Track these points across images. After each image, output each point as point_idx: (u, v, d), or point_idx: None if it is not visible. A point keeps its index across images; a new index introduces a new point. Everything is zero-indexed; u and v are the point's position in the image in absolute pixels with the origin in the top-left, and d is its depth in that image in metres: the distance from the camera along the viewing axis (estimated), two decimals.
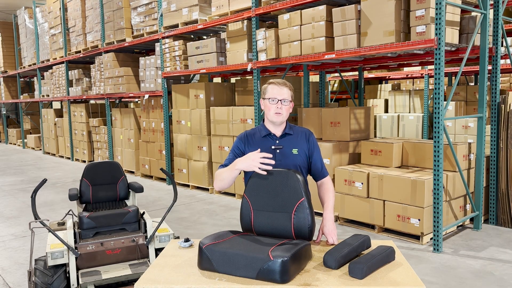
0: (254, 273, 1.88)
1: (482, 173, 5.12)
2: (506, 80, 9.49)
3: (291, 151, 2.47)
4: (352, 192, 5.29)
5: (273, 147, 2.47)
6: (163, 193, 7.62)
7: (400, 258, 2.06)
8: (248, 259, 1.91)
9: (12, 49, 15.96)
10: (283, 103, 2.42)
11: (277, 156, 2.45)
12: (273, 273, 1.84)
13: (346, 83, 10.70)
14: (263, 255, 1.89)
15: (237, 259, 1.93)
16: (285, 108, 2.42)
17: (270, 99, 2.42)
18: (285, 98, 2.42)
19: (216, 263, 1.96)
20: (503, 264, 4.16)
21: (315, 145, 2.53)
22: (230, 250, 1.97)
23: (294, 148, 2.47)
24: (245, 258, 1.92)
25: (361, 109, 6.01)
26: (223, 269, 1.95)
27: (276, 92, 2.42)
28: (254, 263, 1.89)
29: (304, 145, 2.50)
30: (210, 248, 2.00)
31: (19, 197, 7.48)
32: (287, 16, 5.64)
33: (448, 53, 5.02)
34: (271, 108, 2.43)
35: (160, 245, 3.55)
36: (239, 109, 6.82)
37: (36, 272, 3.27)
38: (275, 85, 2.44)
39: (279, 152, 2.46)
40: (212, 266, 1.97)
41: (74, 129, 11.84)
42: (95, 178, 3.97)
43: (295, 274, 1.90)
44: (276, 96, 2.42)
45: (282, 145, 2.47)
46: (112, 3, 9.22)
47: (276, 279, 1.84)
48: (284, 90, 2.43)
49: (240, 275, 1.91)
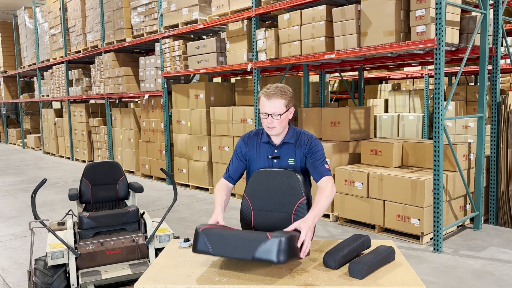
0: (251, 253, 1.84)
1: (482, 173, 5.12)
2: (506, 80, 9.49)
3: (288, 161, 2.42)
4: (352, 192, 5.28)
5: (270, 157, 2.44)
6: (163, 193, 7.62)
7: (400, 258, 2.06)
8: (246, 240, 1.88)
9: (12, 49, 15.96)
10: (274, 117, 2.30)
11: (274, 165, 2.43)
12: (270, 252, 1.81)
13: (346, 83, 10.69)
14: (261, 236, 1.87)
15: (234, 240, 1.90)
16: (276, 121, 2.31)
17: (262, 114, 2.34)
18: (275, 112, 2.29)
19: (212, 245, 1.92)
20: (503, 264, 4.16)
21: (314, 149, 2.41)
22: (227, 233, 1.94)
23: (291, 158, 2.42)
24: (242, 239, 1.89)
25: (361, 109, 6.01)
26: (218, 251, 1.91)
27: (266, 106, 2.31)
28: (252, 243, 1.85)
29: (301, 152, 2.42)
30: (207, 231, 1.97)
31: (19, 197, 7.48)
32: (287, 16, 5.64)
33: (448, 53, 5.02)
34: (264, 122, 2.36)
35: (160, 245, 3.55)
36: (239, 109, 6.82)
37: (36, 272, 3.27)
38: (265, 98, 2.32)
39: (276, 162, 2.43)
40: (208, 248, 1.92)
41: (74, 129, 11.84)
42: (95, 178, 3.97)
43: (291, 257, 1.87)
44: (266, 111, 2.31)
45: (280, 155, 2.43)
46: (112, 3, 9.22)
47: (272, 259, 1.81)
48: (274, 102, 2.29)
49: (236, 256, 1.88)
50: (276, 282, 1.83)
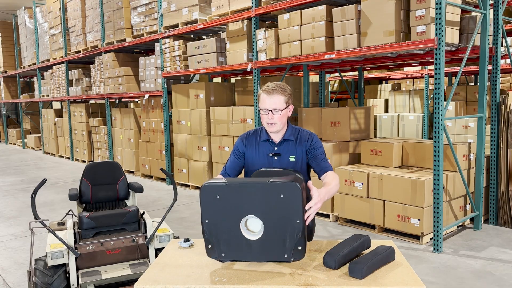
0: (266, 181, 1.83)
1: (482, 173, 5.12)
2: (506, 80, 9.49)
3: (288, 158, 2.43)
4: (352, 192, 5.28)
5: (270, 154, 2.45)
6: (163, 193, 7.62)
7: (400, 258, 2.05)
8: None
9: (12, 49, 15.96)
10: (274, 113, 2.34)
11: (274, 163, 2.44)
12: (285, 181, 1.82)
13: (346, 83, 10.70)
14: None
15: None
16: (277, 117, 2.34)
17: (262, 110, 2.37)
18: (276, 107, 2.33)
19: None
20: (503, 264, 4.16)
21: (315, 145, 2.45)
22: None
23: (292, 155, 2.43)
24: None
25: (361, 109, 6.01)
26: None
27: (267, 102, 2.34)
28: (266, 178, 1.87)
29: (302, 149, 2.44)
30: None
31: (19, 197, 7.48)
32: (287, 16, 5.64)
33: (448, 53, 5.02)
34: (264, 119, 2.39)
35: (160, 245, 3.54)
36: (239, 109, 6.82)
37: (36, 272, 3.27)
38: (265, 94, 2.35)
39: (277, 159, 2.44)
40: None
41: (74, 129, 11.84)
42: (95, 178, 3.97)
43: (300, 200, 1.86)
44: (267, 107, 2.34)
45: (280, 152, 2.44)
46: (112, 3, 9.22)
47: (289, 183, 1.81)
48: (274, 98, 2.33)
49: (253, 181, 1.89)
50: (276, 282, 1.83)
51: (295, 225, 1.87)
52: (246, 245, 1.92)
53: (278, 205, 1.85)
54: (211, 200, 1.89)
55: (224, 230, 1.91)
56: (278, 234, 1.89)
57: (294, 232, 1.88)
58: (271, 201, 1.85)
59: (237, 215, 1.89)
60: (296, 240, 1.89)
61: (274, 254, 1.93)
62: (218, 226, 1.91)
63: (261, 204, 1.87)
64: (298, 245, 1.90)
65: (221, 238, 1.93)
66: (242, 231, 1.91)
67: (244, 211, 1.89)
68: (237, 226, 1.90)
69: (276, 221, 1.88)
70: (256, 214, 1.88)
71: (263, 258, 1.95)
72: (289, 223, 1.87)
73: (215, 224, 1.91)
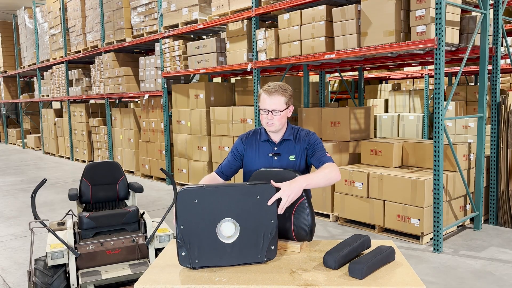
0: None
1: (482, 173, 5.12)
2: (506, 80, 9.49)
3: (288, 158, 2.44)
4: (352, 192, 5.28)
5: (270, 154, 2.45)
6: (163, 193, 7.62)
7: (400, 258, 2.05)
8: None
9: (12, 49, 15.96)
10: (274, 114, 2.34)
11: (274, 163, 2.44)
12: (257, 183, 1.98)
13: (346, 83, 10.69)
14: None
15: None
16: (276, 118, 2.35)
17: (262, 110, 2.38)
18: (276, 108, 2.33)
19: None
20: (503, 264, 4.15)
21: (313, 141, 2.44)
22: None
23: (292, 154, 2.44)
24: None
25: (361, 109, 6.01)
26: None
27: (267, 102, 2.34)
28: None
29: (301, 147, 2.44)
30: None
31: (19, 197, 7.48)
32: (287, 16, 5.64)
33: (448, 53, 5.02)
34: (263, 119, 2.39)
35: (160, 245, 3.54)
36: (239, 109, 6.82)
37: (36, 272, 3.27)
38: (265, 94, 2.35)
39: (277, 159, 2.45)
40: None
41: (74, 129, 11.84)
42: (95, 178, 3.97)
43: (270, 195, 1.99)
44: (267, 107, 2.34)
45: (280, 152, 2.45)
46: (112, 3, 9.22)
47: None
48: (274, 98, 2.33)
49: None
50: (276, 282, 1.83)
51: (269, 225, 1.97)
52: (220, 249, 1.96)
53: (254, 206, 1.95)
54: (189, 205, 1.94)
55: (199, 235, 1.95)
56: (253, 236, 1.96)
57: (269, 232, 1.97)
58: (248, 203, 1.95)
59: (213, 218, 1.95)
60: (269, 240, 1.97)
61: (248, 256, 1.98)
62: (193, 231, 1.95)
63: (238, 206, 1.95)
64: (271, 245, 1.99)
65: (195, 244, 1.95)
66: (218, 235, 1.95)
67: (221, 214, 1.95)
68: (213, 230, 1.95)
69: (251, 223, 1.96)
70: (233, 217, 1.95)
71: (237, 261, 1.98)
72: (264, 224, 1.96)
73: (190, 229, 1.95)
